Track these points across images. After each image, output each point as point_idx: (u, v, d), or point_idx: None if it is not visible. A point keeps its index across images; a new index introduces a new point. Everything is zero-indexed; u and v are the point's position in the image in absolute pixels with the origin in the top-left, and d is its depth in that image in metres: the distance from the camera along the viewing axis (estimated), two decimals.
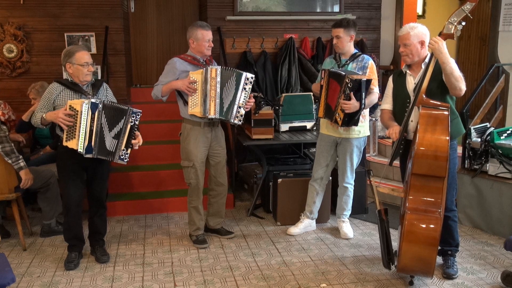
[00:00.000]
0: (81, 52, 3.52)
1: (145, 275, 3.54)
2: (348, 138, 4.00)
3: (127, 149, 3.50)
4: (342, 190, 4.21)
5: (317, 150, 4.18)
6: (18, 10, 5.48)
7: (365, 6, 6.25)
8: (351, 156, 4.06)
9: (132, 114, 3.49)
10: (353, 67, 3.94)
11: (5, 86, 5.37)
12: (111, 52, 5.71)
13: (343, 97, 3.68)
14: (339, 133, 3.99)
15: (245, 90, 3.82)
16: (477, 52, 7.27)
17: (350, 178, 4.15)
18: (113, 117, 3.45)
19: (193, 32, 3.86)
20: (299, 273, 3.55)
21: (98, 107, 3.39)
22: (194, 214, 4.05)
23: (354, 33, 3.96)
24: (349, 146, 4.02)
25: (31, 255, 3.91)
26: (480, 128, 4.41)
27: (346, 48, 3.97)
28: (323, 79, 3.88)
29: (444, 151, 3.00)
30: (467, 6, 3.05)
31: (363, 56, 4.00)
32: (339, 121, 3.76)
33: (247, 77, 3.81)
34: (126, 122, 3.47)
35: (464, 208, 4.37)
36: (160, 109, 5.59)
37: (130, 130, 3.49)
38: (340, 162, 4.13)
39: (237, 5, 5.91)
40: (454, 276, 3.42)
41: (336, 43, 3.96)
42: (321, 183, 4.21)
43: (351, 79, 3.64)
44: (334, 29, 3.95)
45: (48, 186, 4.17)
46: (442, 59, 3.09)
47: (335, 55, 4.09)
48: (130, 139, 3.50)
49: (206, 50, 3.88)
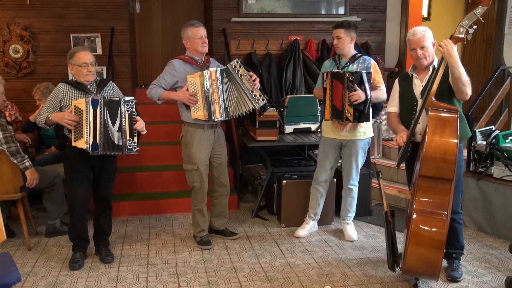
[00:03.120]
0: (81, 52, 3.53)
1: (149, 276, 3.55)
2: (354, 139, 4.00)
3: (133, 138, 3.48)
4: (346, 192, 4.21)
5: (321, 153, 4.17)
6: (24, 11, 5.50)
7: (370, 8, 6.25)
8: (356, 158, 4.05)
9: (126, 103, 3.47)
10: (354, 68, 3.94)
11: (11, 86, 5.39)
12: (116, 53, 5.72)
13: (348, 92, 3.71)
14: (344, 136, 3.99)
15: (242, 76, 3.74)
16: (483, 55, 7.26)
17: (355, 179, 4.15)
18: (111, 110, 3.45)
19: (184, 33, 3.87)
20: (303, 275, 3.55)
21: (99, 103, 3.39)
22: (198, 216, 4.05)
23: (354, 34, 3.96)
24: (355, 148, 4.02)
25: (36, 254, 3.92)
26: (485, 131, 4.40)
27: (346, 49, 3.97)
28: (325, 81, 3.87)
29: (452, 154, 3.00)
30: (479, 10, 3.03)
31: (364, 57, 4.01)
32: (350, 117, 3.77)
33: (233, 66, 3.74)
34: (122, 112, 3.46)
35: (469, 211, 4.36)
36: (165, 110, 5.59)
37: (129, 119, 3.47)
38: (345, 164, 4.12)
39: (242, 6, 5.92)
40: (458, 279, 3.41)
41: (336, 44, 3.96)
42: (325, 185, 4.21)
43: (351, 72, 3.71)
44: (335, 30, 3.95)
45: (53, 186, 4.19)
46: (452, 62, 3.07)
47: (335, 57, 4.09)
48: (132, 128, 3.48)
49: (201, 48, 3.85)
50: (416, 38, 3.30)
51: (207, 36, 3.96)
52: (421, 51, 3.30)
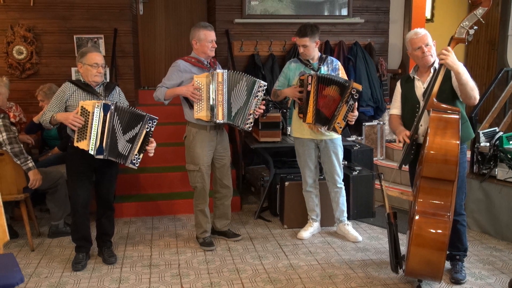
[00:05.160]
0: (93, 53, 3.55)
1: (152, 277, 3.55)
2: (332, 138, 4.05)
3: (140, 154, 3.52)
4: (336, 193, 4.20)
5: (302, 156, 4.16)
6: (28, 12, 5.53)
7: (373, 9, 6.25)
8: (337, 156, 4.09)
9: (149, 121, 3.51)
10: (325, 69, 4.00)
11: (14, 88, 5.40)
12: (120, 54, 5.73)
13: (345, 107, 3.75)
14: (322, 136, 4.02)
15: (257, 97, 3.81)
16: (486, 56, 7.24)
17: (341, 176, 4.17)
18: (128, 121, 3.47)
19: (195, 33, 3.86)
20: (306, 276, 3.54)
21: (110, 109, 3.40)
22: (201, 217, 4.06)
23: (318, 38, 4.00)
24: (334, 146, 4.07)
25: (39, 255, 3.93)
26: (489, 132, 4.39)
27: (313, 54, 4.02)
28: (310, 84, 3.84)
29: (454, 155, 2.99)
30: (479, 10, 3.04)
31: (330, 58, 4.10)
32: (338, 130, 3.86)
33: (261, 85, 3.80)
34: (142, 128, 3.50)
35: (473, 212, 4.35)
36: (168, 111, 5.59)
37: (145, 136, 3.51)
38: (328, 165, 4.13)
39: (245, 8, 5.93)
40: (462, 281, 3.40)
41: (303, 52, 3.99)
42: (315, 185, 4.24)
43: (357, 90, 3.72)
44: (300, 39, 3.96)
45: (56, 187, 4.20)
46: (457, 70, 3.06)
47: (300, 59, 4.10)
48: (144, 145, 3.52)
49: (210, 51, 3.87)
50: (420, 36, 3.30)
51: None
52: (426, 48, 3.30)
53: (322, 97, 3.84)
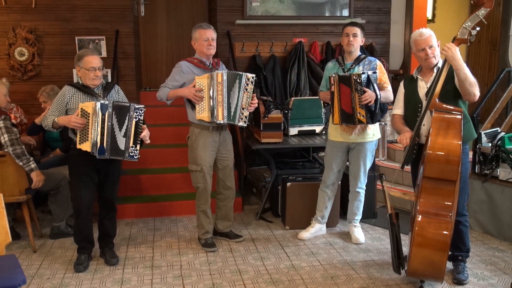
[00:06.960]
0: (89, 56, 3.54)
1: (154, 278, 3.55)
2: (362, 142, 4.00)
3: (136, 145, 3.50)
4: (354, 195, 4.19)
5: (328, 156, 4.15)
6: (29, 14, 5.53)
7: (374, 10, 6.25)
8: (365, 161, 4.05)
9: (135, 110, 3.48)
10: (360, 70, 3.93)
11: (16, 89, 5.41)
12: (121, 56, 5.74)
13: (357, 95, 3.69)
14: (353, 139, 3.98)
15: (246, 91, 3.78)
16: (488, 56, 7.22)
17: (363, 182, 4.14)
18: (120, 115, 3.46)
19: (193, 34, 3.90)
20: (308, 277, 3.54)
21: (108, 108, 3.41)
22: (203, 218, 4.06)
23: (364, 37, 4.01)
24: (363, 150, 4.02)
25: (41, 257, 3.93)
26: (491, 133, 4.38)
27: (357, 49, 3.99)
28: (333, 85, 3.84)
29: (456, 155, 2.99)
30: (482, 11, 3.04)
31: (369, 58, 4.02)
32: (363, 119, 3.77)
33: (248, 78, 3.78)
34: (131, 118, 3.47)
35: (475, 213, 4.34)
36: (170, 113, 5.61)
37: (135, 126, 3.48)
38: (353, 167, 4.11)
39: (246, 9, 5.93)
40: (464, 282, 3.39)
41: (352, 41, 3.93)
42: (333, 188, 4.21)
43: (358, 74, 3.71)
44: (351, 27, 3.95)
45: (58, 189, 4.20)
46: (456, 65, 3.08)
47: (338, 59, 4.09)
48: (137, 136, 3.50)
49: (206, 49, 3.86)
50: (424, 38, 3.31)
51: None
52: (430, 50, 3.31)
53: (343, 96, 3.81)
